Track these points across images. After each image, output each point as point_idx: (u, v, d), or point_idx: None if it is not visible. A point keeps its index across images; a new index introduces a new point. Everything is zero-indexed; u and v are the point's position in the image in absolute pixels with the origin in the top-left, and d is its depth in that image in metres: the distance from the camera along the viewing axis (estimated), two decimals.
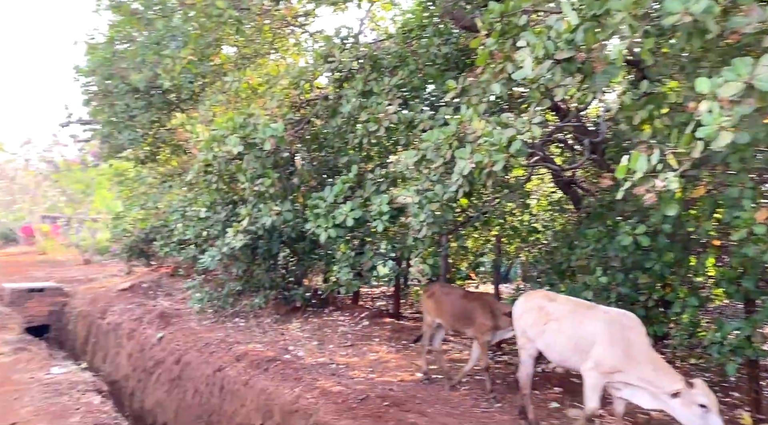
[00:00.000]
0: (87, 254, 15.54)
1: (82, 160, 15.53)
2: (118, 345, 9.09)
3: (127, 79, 8.37)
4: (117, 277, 12.88)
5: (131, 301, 10.16)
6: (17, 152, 17.11)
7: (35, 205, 19.93)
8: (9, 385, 5.80)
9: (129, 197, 13.14)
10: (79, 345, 10.73)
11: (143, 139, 9.48)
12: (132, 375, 8.30)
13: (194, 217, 8.36)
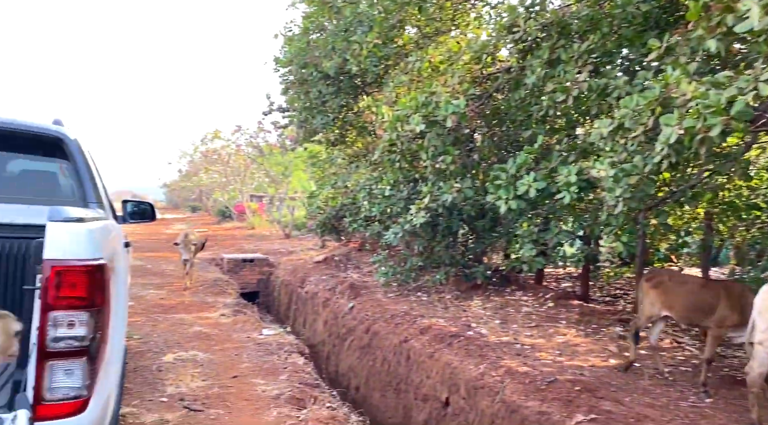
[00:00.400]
0: (287, 229, 17.15)
1: (282, 144, 17.09)
2: (315, 313, 9.93)
3: (320, 67, 8.96)
4: (312, 250, 14.08)
5: (325, 272, 11.03)
6: (230, 138, 19.45)
7: (245, 185, 22.55)
8: (230, 343, 6.67)
9: (321, 178, 14.22)
10: (283, 311, 11.98)
11: (333, 123, 10.11)
12: (327, 340, 9.02)
13: (379, 195, 8.76)
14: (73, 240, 2.10)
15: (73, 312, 2.06)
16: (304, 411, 4.59)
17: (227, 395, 4.91)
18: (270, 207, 21.30)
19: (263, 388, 5.11)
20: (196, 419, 4.34)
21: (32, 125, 3.45)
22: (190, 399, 4.72)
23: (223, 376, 5.42)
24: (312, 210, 12.27)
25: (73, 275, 2.06)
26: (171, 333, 6.94)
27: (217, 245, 16.21)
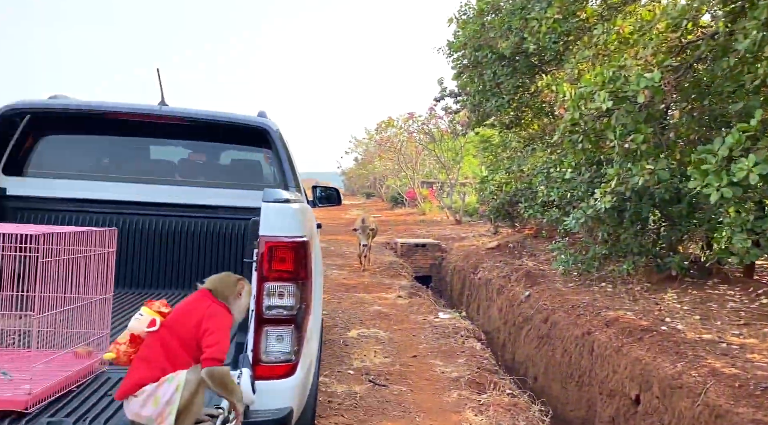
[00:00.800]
0: (458, 215, 17.19)
1: (453, 130, 17.11)
2: (489, 300, 9.83)
3: (495, 48, 8.76)
4: (485, 236, 13.95)
5: (499, 259, 10.85)
6: (402, 126, 19.97)
7: (416, 172, 23.07)
8: (408, 323, 6.87)
9: (493, 162, 13.97)
10: (455, 296, 12.07)
11: (508, 105, 9.84)
12: (502, 328, 8.88)
13: (558, 178, 8.34)
14: (282, 219, 2.27)
15: (283, 284, 2.23)
16: (484, 395, 4.56)
17: (408, 373, 5.06)
18: (441, 193, 21.53)
19: (442, 369, 5.18)
20: (380, 393, 4.53)
21: (241, 117, 3.83)
22: (374, 374, 4.95)
23: (403, 355, 5.59)
24: (484, 196, 12.12)
25: (283, 251, 2.24)
26: (353, 310, 7.35)
27: (390, 229, 16.81)
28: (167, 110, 3.75)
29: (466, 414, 4.17)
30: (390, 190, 28.28)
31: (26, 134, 3.65)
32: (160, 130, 3.95)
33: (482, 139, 14.56)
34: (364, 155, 30.85)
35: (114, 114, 3.65)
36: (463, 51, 10.46)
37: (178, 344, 1.73)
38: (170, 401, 1.64)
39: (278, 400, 2.14)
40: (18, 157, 3.63)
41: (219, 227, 3.87)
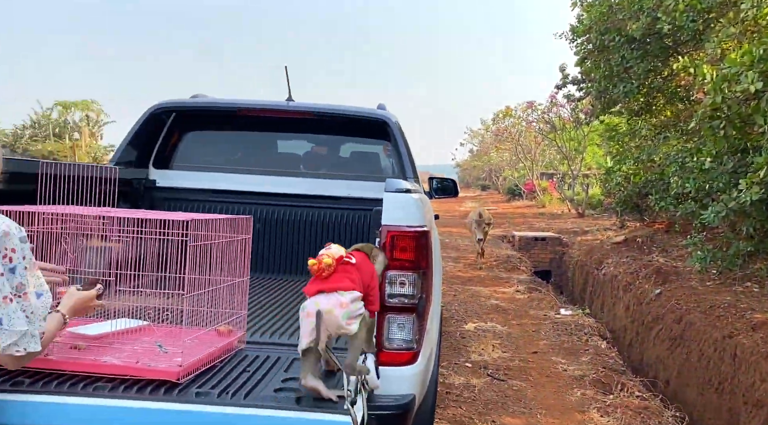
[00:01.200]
0: (580, 208, 16.43)
1: (575, 118, 16.34)
2: (615, 297, 9.30)
3: (624, 31, 8.23)
4: (610, 230, 13.20)
5: (625, 255, 10.22)
6: (521, 115, 19.39)
7: (535, 163, 22.34)
8: (527, 318, 6.69)
9: (619, 152, 13.14)
10: (577, 292, 11.55)
11: (638, 90, 9.21)
12: (630, 327, 8.37)
13: (695, 168, 7.65)
14: (404, 208, 2.30)
15: (404, 273, 2.26)
16: (611, 396, 4.33)
17: (528, 369, 4.94)
18: (561, 185, 20.67)
19: (564, 367, 5.00)
20: (499, 387, 4.46)
21: (363, 110, 3.92)
22: (493, 368, 4.88)
23: (523, 350, 5.46)
24: (610, 187, 11.46)
25: (404, 240, 2.26)
26: (469, 303, 7.30)
27: (507, 222, 16.45)
28: (294, 105, 3.93)
29: (591, 414, 3.99)
30: (507, 182, 27.65)
31: (172, 130, 4.00)
32: (287, 124, 4.16)
33: (608, 127, 13.75)
34: (479, 147, 30.43)
35: (247, 110, 3.90)
36: (587, 35, 9.93)
37: (360, 283, 1.98)
38: (359, 316, 1.92)
39: (401, 387, 2.18)
40: (165, 152, 4.00)
41: (340, 217, 4.01)
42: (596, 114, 12.50)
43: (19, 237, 1.48)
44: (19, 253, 1.47)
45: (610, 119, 13.52)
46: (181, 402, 1.71)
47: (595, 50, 9.89)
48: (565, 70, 16.21)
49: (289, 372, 2.02)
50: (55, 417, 1.67)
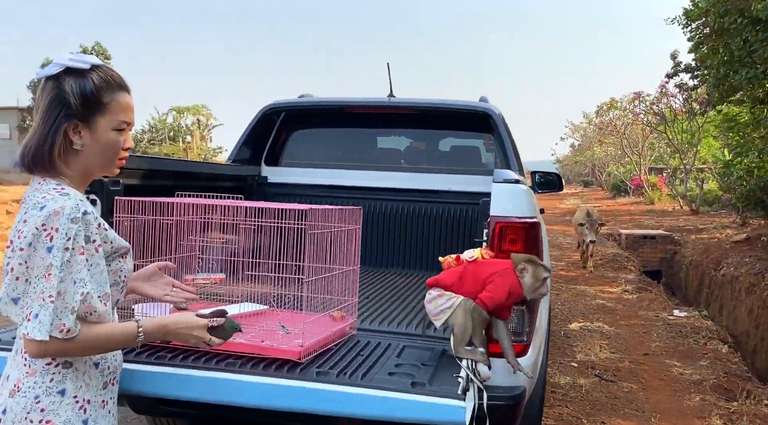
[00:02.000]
0: (694, 204, 15.34)
1: (688, 109, 15.26)
2: (736, 299, 8.60)
3: (747, 12, 7.59)
4: (728, 228, 12.22)
5: (748, 254, 9.41)
6: (627, 107, 18.38)
7: (642, 157, 21.10)
8: (636, 319, 6.36)
9: (740, 144, 12.10)
10: (691, 294, 10.79)
11: (763, 75, 8.45)
12: (753, 332, 7.71)
13: None
14: (513, 200, 2.27)
15: None
16: (735, 403, 4.02)
17: (639, 371, 4.70)
18: (672, 180, 19.38)
19: (680, 371, 4.71)
20: (608, 389, 4.28)
21: (465, 103, 3.91)
22: (600, 369, 4.69)
23: (633, 352, 5.20)
24: (731, 181, 10.60)
25: (513, 231, 2.24)
26: (574, 303, 7.05)
27: (613, 220, 15.68)
28: (396, 101, 4.00)
29: (712, 420, 3.73)
30: (611, 177, 26.32)
31: (281, 129, 4.21)
32: (389, 120, 4.23)
33: (726, 118, 12.71)
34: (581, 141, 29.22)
35: (352, 107, 4.01)
36: (704, 19, 9.26)
37: (473, 278, 2.11)
38: (444, 310, 2.08)
39: (511, 379, 2.15)
40: (275, 149, 4.21)
41: (441, 210, 4.02)
42: (713, 103, 11.61)
43: (70, 218, 1.28)
44: (62, 234, 1.27)
45: (729, 109, 12.51)
46: (304, 380, 1.80)
47: (713, 34, 9.19)
48: (677, 58, 15.20)
49: (401, 357, 2.07)
50: (195, 389, 1.84)
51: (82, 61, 1.36)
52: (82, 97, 1.34)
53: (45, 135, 1.33)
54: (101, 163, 1.42)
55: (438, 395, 1.74)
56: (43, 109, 1.34)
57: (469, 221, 3.93)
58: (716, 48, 9.26)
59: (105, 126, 1.38)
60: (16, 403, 1.31)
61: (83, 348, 1.34)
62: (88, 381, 1.40)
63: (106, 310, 1.37)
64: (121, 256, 1.45)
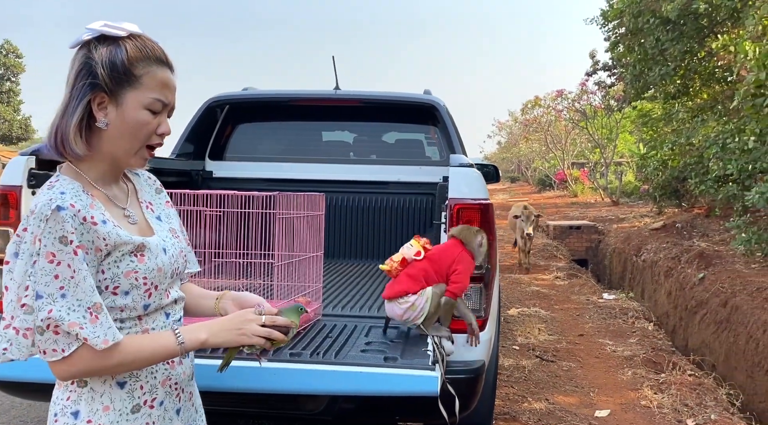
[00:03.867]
0: (614, 196, 16.25)
1: (606, 106, 16.16)
2: (656, 283, 9.21)
3: (658, 13, 8.15)
4: (646, 217, 13.03)
5: (665, 241, 10.09)
6: (550, 104, 19.22)
7: (565, 153, 22.11)
8: (570, 303, 6.70)
9: (653, 138, 12.95)
10: (615, 279, 11.45)
11: (674, 72, 9.10)
12: (672, 312, 8.28)
13: (737, 149, 7.55)
14: (469, 183, 2.38)
15: None
16: (663, 375, 4.34)
17: (576, 350, 4.97)
18: (593, 174, 20.45)
19: (612, 348, 5.01)
20: (549, 368, 4.51)
21: (411, 95, 4.01)
22: (540, 350, 4.92)
23: (569, 333, 5.49)
24: (647, 173, 11.32)
25: (470, 212, 2.34)
26: (510, 290, 7.33)
27: (540, 212, 16.35)
28: (342, 93, 4.04)
29: (644, 391, 4.01)
30: (537, 173, 27.42)
31: (225, 122, 4.15)
32: (336, 113, 4.27)
33: (640, 113, 13.56)
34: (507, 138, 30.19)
35: (298, 100, 4.02)
36: (619, 19, 9.84)
37: (434, 272, 2.22)
38: (423, 309, 2.18)
39: (471, 353, 2.26)
40: (220, 143, 4.14)
41: (389, 201, 4.11)
42: (630, 99, 12.35)
43: (41, 217, 1.09)
44: (29, 236, 1.10)
45: (643, 105, 13.34)
46: (277, 361, 1.82)
47: (628, 34, 9.80)
48: (595, 57, 16.03)
49: (369, 336, 2.13)
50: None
51: (118, 27, 1.17)
52: (111, 66, 1.15)
53: (71, 111, 1.15)
54: (127, 148, 1.19)
55: (411, 367, 1.81)
56: (69, 81, 1.17)
57: (416, 211, 4.03)
58: (632, 47, 9.88)
59: (134, 102, 1.17)
60: (49, 416, 1.22)
61: (108, 366, 1.14)
62: (108, 403, 1.18)
63: (101, 323, 1.11)
64: (133, 254, 1.19)
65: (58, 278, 1.08)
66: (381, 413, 2.25)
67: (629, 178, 17.62)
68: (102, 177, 1.22)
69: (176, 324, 1.31)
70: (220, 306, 1.41)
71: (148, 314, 1.24)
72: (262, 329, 1.26)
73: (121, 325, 1.19)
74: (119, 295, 1.18)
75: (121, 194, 1.27)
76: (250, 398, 2.02)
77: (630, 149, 19.59)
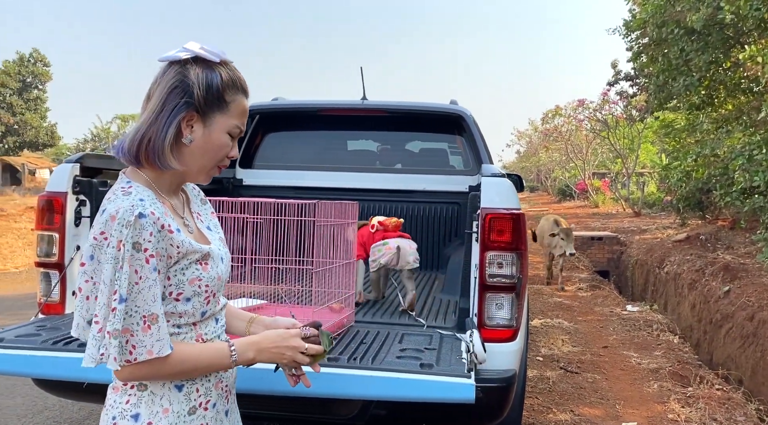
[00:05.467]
0: (636, 207, 16.09)
1: (628, 116, 16.04)
2: (679, 295, 9.09)
3: (683, 23, 8.10)
4: (669, 229, 12.88)
5: (688, 253, 9.96)
6: (571, 114, 19.14)
7: (586, 162, 21.96)
8: (593, 315, 6.65)
9: (676, 149, 12.82)
10: (638, 292, 11.32)
11: (699, 83, 9.02)
12: (696, 326, 8.17)
13: (764, 161, 7.46)
14: (501, 192, 2.40)
15: (502, 253, 2.36)
16: (690, 388, 4.29)
17: (600, 362, 4.93)
18: (614, 184, 20.28)
19: (637, 360, 4.97)
20: (573, 380, 4.48)
21: (438, 105, 4.05)
22: (564, 362, 4.89)
23: (593, 345, 5.45)
24: (671, 184, 11.19)
25: (502, 222, 2.36)
26: (532, 301, 7.29)
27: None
28: (369, 104, 4.09)
29: (671, 404, 3.96)
30: (557, 182, 27.25)
31: (255, 132, 4.22)
32: (363, 122, 4.32)
33: (663, 124, 13.45)
34: (527, 147, 30.07)
35: (326, 110, 4.08)
36: (643, 29, 9.79)
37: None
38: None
39: (503, 362, 2.27)
40: (249, 152, 4.22)
41: (414, 210, 4.14)
42: (652, 110, 12.25)
43: (123, 223, 1.13)
44: (113, 242, 1.13)
45: (666, 115, 13.22)
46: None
47: (652, 44, 9.74)
48: (617, 67, 15.95)
49: (403, 343, 2.15)
50: None
51: (213, 53, 1.23)
52: (207, 88, 1.21)
53: (162, 124, 1.20)
54: (202, 165, 1.26)
55: (448, 374, 1.83)
56: (162, 96, 1.21)
57: (441, 219, 4.06)
58: (655, 57, 9.82)
59: (220, 126, 1.25)
60: (102, 419, 1.24)
61: (168, 374, 1.20)
62: (167, 406, 1.22)
63: (151, 333, 1.14)
64: (198, 262, 1.24)
65: (132, 283, 1.13)
66: (411, 419, 2.27)
67: (651, 188, 17.46)
68: (168, 187, 1.28)
69: (222, 329, 1.37)
70: (251, 331, 1.47)
71: (203, 320, 1.29)
72: (302, 357, 1.34)
73: (177, 330, 1.24)
74: (181, 301, 1.23)
75: (180, 204, 1.32)
76: (281, 401, 2.06)
77: (652, 159, 19.42)
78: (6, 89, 36.18)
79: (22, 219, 14.01)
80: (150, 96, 1.23)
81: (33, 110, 37.45)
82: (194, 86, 1.20)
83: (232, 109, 1.26)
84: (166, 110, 1.20)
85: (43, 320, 2.41)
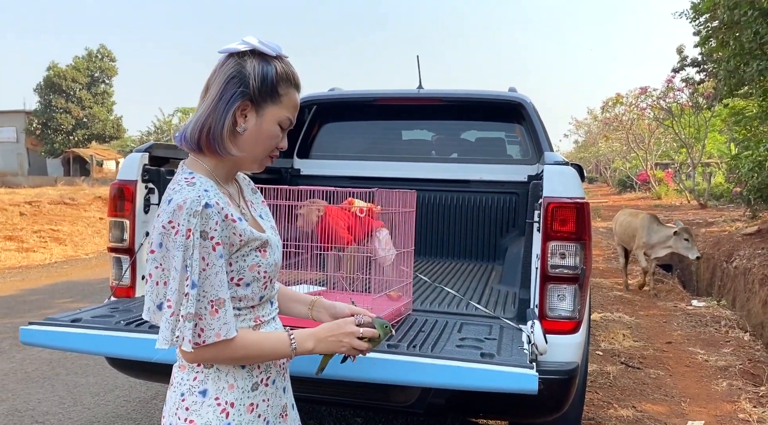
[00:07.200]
0: (702, 199, 15.39)
1: (694, 103, 15.30)
2: (749, 291, 8.64)
3: (758, 3, 7.65)
4: (739, 221, 12.26)
5: (760, 246, 9.45)
6: (633, 102, 18.41)
7: (648, 152, 21.13)
8: (655, 310, 6.42)
9: (747, 137, 12.14)
10: (703, 287, 10.84)
11: None
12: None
13: None
14: (564, 181, 2.34)
15: (565, 243, 2.30)
16: (762, 387, 4.08)
17: (664, 358, 4.76)
18: (678, 175, 19.43)
19: (704, 358, 4.76)
20: (635, 376, 4.34)
21: (497, 93, 3.98)
22: (625, 357, 4.75)
23: (656, 340, 5.26)
24: (742, 174, 10.63)
25: (565, 211, 2.30)
26: (591, 294, 7.09)
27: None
28: (426, 93, 4.06)
29: (742, 404, 3.78)
30: (618, 173, 26.37)
31: (313, 122, 4.27)
32: (419, 111, 4.30)
33: (733, 111, 12.76)
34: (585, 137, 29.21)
35: (383, 100, 4.08)
36: (712, 12, 9.31)
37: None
38: None
39: (565, 354, 2.22)
40: (307, 142, 4.27)
41: (471, 200, 4.09)
42: (721, 97, 11.67)
43: (191, 212, 1.18)
44: (182, 231, 1.18)
45: (736, 102, 12.55)
46: (376, 351, 1.86)
47: (723, 27, 9.25)
48: (683, 52, 15.25)
49: (462, 333, 2.14)
50: None
51: (269, 47, 1.28)
52: (262, 80, 1.27)
53: (220, 113, 1.25)
54: (254, 154, 1.32)
55: (510, 365, 1.80)
56: (220, 85, 1.26)
57: (498, 209, 4.00)
58: (726, 41, 9.32)
59: (272, 117, 1.30)
60: (170, 397, 1.31)
61: (231, 358, 1.26)
62: (232, 382, 1.29)
63: (219, 317, 1.20)
64: (258, 250, 1.30)
65: (202, 269, 1.19)
66: (468, 409, 2.26)
67: (719, 179, 16.65)
68: (226, 176, 1.34)
69: (275, 311, 1.45)
70: (314, 315, 1.55)
71: (261, 304, 1.36)
72: (359, 342, 1.39)
73: (237, 312, 1.30)
74: (241, 286, 1.29)
75: (235, 192, 1.38)
76: (340, 386, 2.08)
77: (720, 149, 18.52)
78: (76, 84, 38.01)
79: (91, 208, 14.73)
80: (208, 86, 1.28)
81: (100, 104, 39.20)
82: (250, 77, 1.26)
83: (284, 101, 1.31)
84: (224, 100, 1.25)
85: (116, 302, 2.53)
